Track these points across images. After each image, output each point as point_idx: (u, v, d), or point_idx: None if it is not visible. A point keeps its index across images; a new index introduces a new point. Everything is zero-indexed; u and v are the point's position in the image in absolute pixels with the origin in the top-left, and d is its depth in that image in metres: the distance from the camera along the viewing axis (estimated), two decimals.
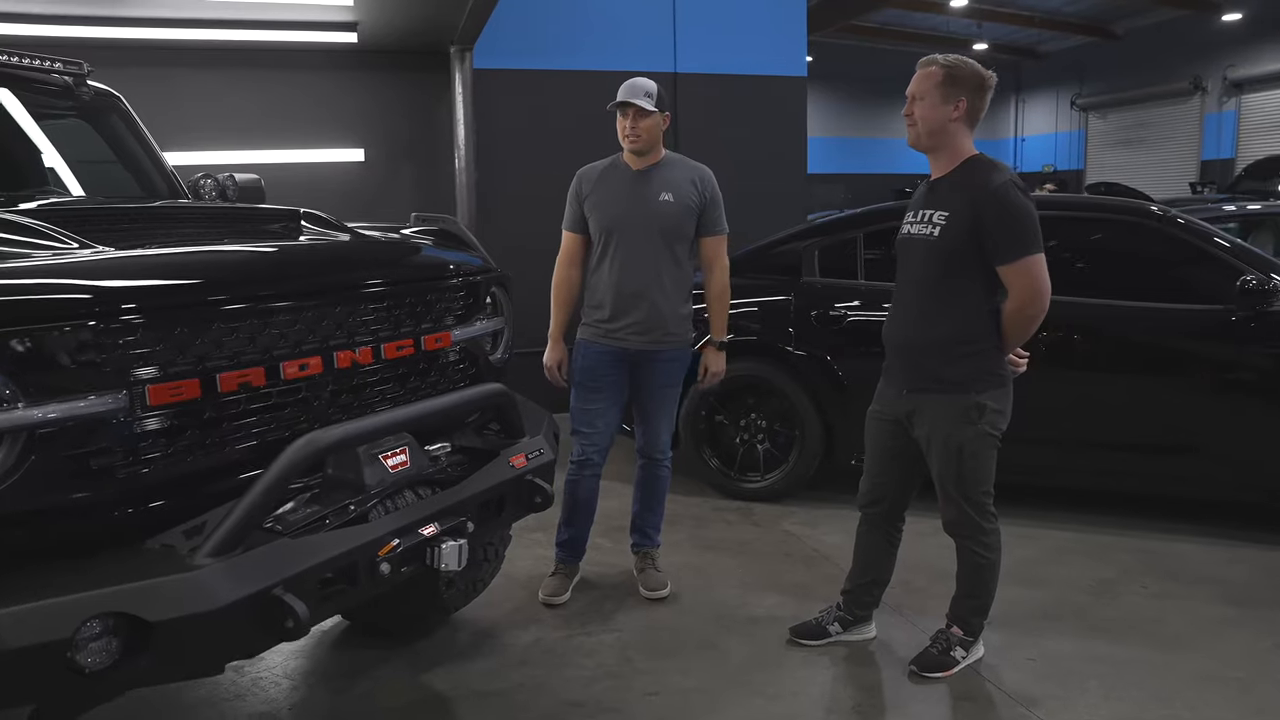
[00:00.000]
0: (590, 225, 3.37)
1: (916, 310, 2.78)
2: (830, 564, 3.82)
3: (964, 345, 2.70)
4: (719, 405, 4.71)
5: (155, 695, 2.81)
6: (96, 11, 4.91)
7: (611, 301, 3.30)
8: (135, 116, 3.40)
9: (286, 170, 5.98)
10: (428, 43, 5.71)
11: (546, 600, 3.44)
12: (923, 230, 2.74)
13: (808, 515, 4.42)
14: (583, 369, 3.38)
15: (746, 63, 6.98)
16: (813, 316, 4.55)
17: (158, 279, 1.77)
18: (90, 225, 1.97)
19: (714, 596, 3.53)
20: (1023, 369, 2.85)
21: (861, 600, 3.10)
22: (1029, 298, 2.62)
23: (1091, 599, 3.46)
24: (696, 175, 3.38)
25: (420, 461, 2.04)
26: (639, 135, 3.25)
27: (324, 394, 2.02)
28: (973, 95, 2.67)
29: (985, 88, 2.67)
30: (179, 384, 1.70)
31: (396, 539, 1.87)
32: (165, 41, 5.35)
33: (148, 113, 5.67)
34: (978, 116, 2.69)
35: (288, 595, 1.62)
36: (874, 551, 3.05)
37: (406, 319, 2.23)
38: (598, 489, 3.50)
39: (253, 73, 5.83)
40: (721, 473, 4.74)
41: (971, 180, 2.65)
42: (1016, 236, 2.59)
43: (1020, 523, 4.09)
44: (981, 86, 2.67)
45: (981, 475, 2.76)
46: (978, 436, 2.71)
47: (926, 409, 2.76)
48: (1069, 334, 4.09)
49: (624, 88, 3.26)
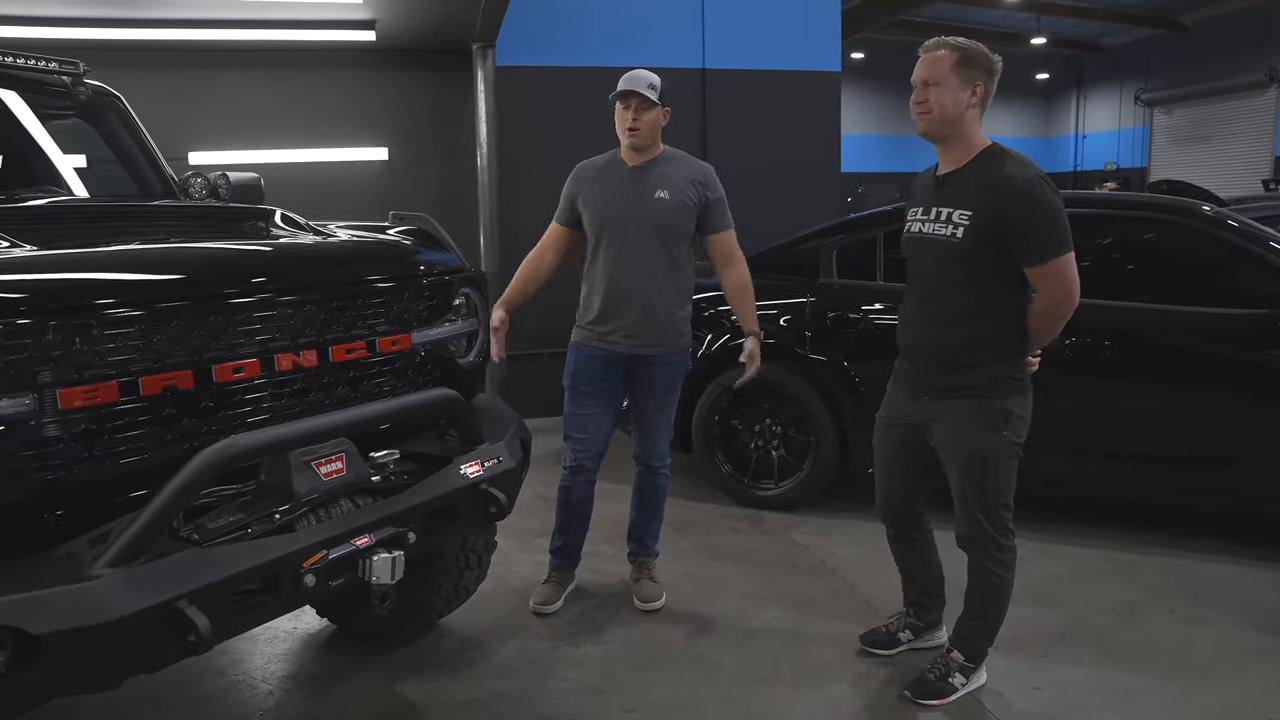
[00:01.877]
0: (584, 222, 3.25)
1: (936, 313, 2.62)
2: (836, 577, 3.67)
3: (988, 349, 2.54)
4: (733, 409, 4.58)
5: (128, 699, 2.79)
6: (120, 14, 4.97)
7: (602, 303, 3.18)
8: (133, 115, 3.39)
9: (313, 169, 6.01)
10: (450, 40, 5.67)
11: (537, 609, 3.35)
12: (940, 230, 2.55)
13: (820, 525, 4.26)
14: (575, 373, 3.27)
15: (778, 57, 6.79)
16: (829, 319, 4.39)
17: (70, 277, 1.72)
18: (23, 224, 1.93)
19: (711, 608, 3.40)
20: (1034, 369, 2.68)
21: (925, 608, 2.98)
22: (1060, 298, 2.47)
23: (1112, 622, 3.25)
24: (696, 173, 3.23)
25: (359, 469, 1.96)
26: (639, 128, 3.13)
27: (263, 398, 1.96)
28: (987, 79, 2.51)
29: (997, 71, 2.53)
30: (94, 387, 1.65)
31: (325, 550, 1.80)
32: (190, 43, 5.41)
33: (176, 113, 5.82)
34: (988, 102, 2.53)
35: (191, 608, 1.55)
36: (910, 561, 2.94)
37: (357, 321, 2.16)
38: (592, 495, 3.39)
39: (279, 73, 5.86)
40: (734, 479, 4.60)
41: (996, 175, 2.46)
42: (1049, 236, 2.42)
43: (1040, 537, 3.88)
44: (994, 70, 2.52)
45: (1003, 486, 2.60)
46: (1002, 445, 2.55)
47: (947, 416, 2.60)
48: (1100, 338, 3.86)
49: (626, 78, 3.14)
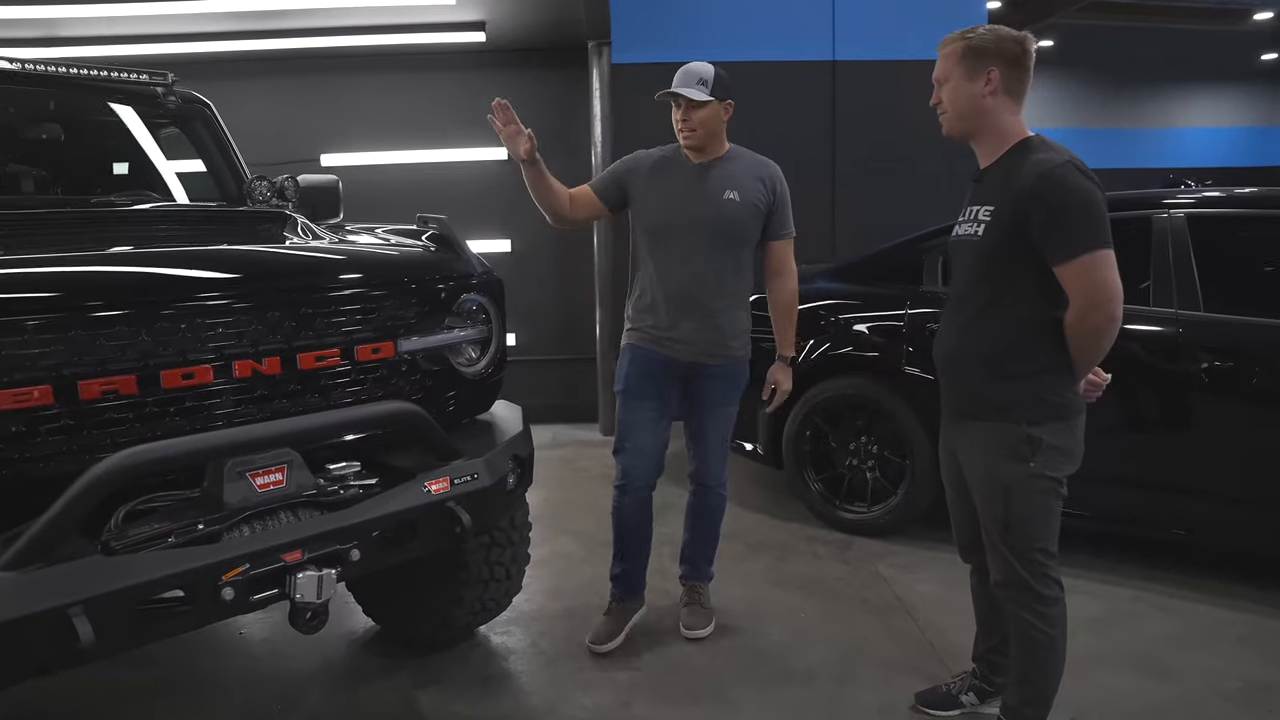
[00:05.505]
0: (637, 219, 3.05)
1: (960, 321, 2.34)
2: (909, 618, 3.32)
3: (1011, 363, 2.21)
4: (827, 425, 4.28)
5: (155, 680, 2.92)
6: (254, 26, 5.28)
7: (659, 307, 2.98)
8: (219, 122, 3.54)
9: (435, 170, 6.17)
10: (561, 39, 5.64)
11: (592, 648, 3.06)
12: (969, 230, 2.29)
13: (909, 557, 3.89)
14: (628, 376, 3.05)
15: (916, 47, 6.28)
16: (929, 330, 4.00)
17: (20, 283, 1.76)
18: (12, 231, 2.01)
19: (759, 641, 3.15)
20: (1098, 394, 2.30)
21: (996, 666, 2.61)
22: (1090, 303, 2.09)
23: (1233, 708, 2.72)
24: (764, 172, 3.02)
25: (302, 481, 1.90)
26: (694, 129, 2.93)
27: (219, 404, 1.94)
28: (1006, 64, 2.18)
29: (1021, 53, 2.19)
30: (27, 390, 1.67)
31: (247, 563, 1.75)
32: (316, 50, 5.66)
33: (308, 117, 6.13)
34: (1021, 89, 2.20)
35: (79, 616, 1.53)
36: (988, 607, 2.57)
37: (330, 328, 2.11)
38: (648, 516, 3.13)
39: (402, 76, 6.01)
40: (824, 499, 4.30)
41: (1020, 164, 2.16)
42: (1074, 228, 2.07)
43: (1163, 589, 3.39)
44: (1015, 53, 2.18)
45: (1035, 530, 2.24)
46: (1027, 478, 2.20)
47: (969, 438, 2.32)
48: (1218, 360, 3.29)
49: (677, 75, 2.95)
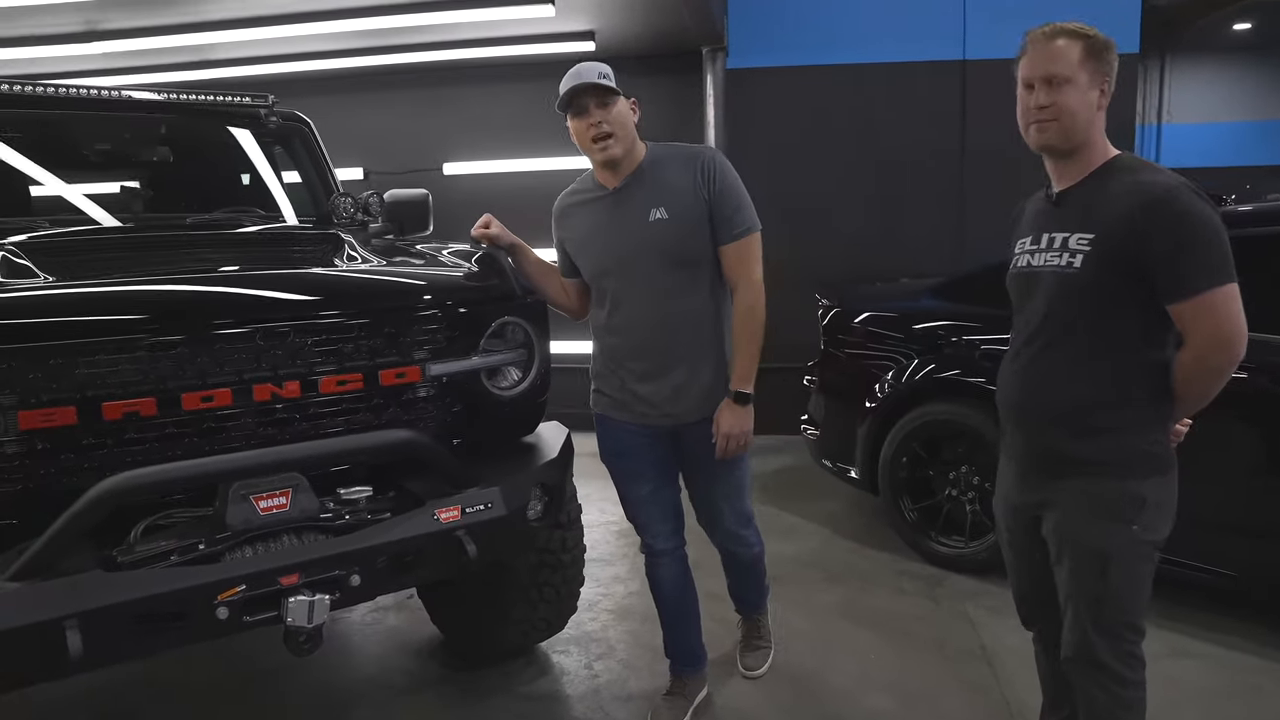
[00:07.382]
0: (582, 273, 2.60)
1: (1046, 365, 2.05)
2: (987, 670, 3.08)
3: (1110, 411, 1.94)
4: (925, 452, 4.04)
5: (197, 668, 3.09)
6: (377, 43, 5.53)
7: (621, 369, 2.53)
8: (316, 140, 3.72)
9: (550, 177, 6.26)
10: (675, 45, 5.59)
11: None
12: (1053, 260, 2.00)
13: (1003, 600, 3.53)
14: (608, 451, 2.65)
15: None
16: None
17: (53, 312, 1.88)
18: (60, 256, 2.17)
19: (814, 684, 3.00)
20: (1179, 440, 2.02)
21: None
22: (1214, 343, 1.83)
23: None
24: (696, 161, 2.43)
25: (306, 505, 1.95)
26: (610, 132, 2.34)
27: (239, 427, 2.02)
28: (1113, 73, 1.95)
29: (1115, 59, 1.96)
30: (51, 410, 1.79)
31: (244, 585, 1.81)
32: (435, 64, 5.87)
33: (430, 128, 6.36)
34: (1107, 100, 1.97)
35: (74, 629, 1.62)
36: (1052, 678, 2.31)
37: (354, 352, 2.15)
38: (685, 579, 2.76)
39: (516, 86, 6.13)
40: (919, 530, 4.06)
41: (1128, 185, 1.88)
42: (1202, 262, 1.80)
43: None
44: (1115, 60, 1.95)
45: (1129, 602, 1.97)
46: (1130, 543, 1.93)
47: (1059, 500, 2.03)
48: None
49: (566, 79, 2.36)
